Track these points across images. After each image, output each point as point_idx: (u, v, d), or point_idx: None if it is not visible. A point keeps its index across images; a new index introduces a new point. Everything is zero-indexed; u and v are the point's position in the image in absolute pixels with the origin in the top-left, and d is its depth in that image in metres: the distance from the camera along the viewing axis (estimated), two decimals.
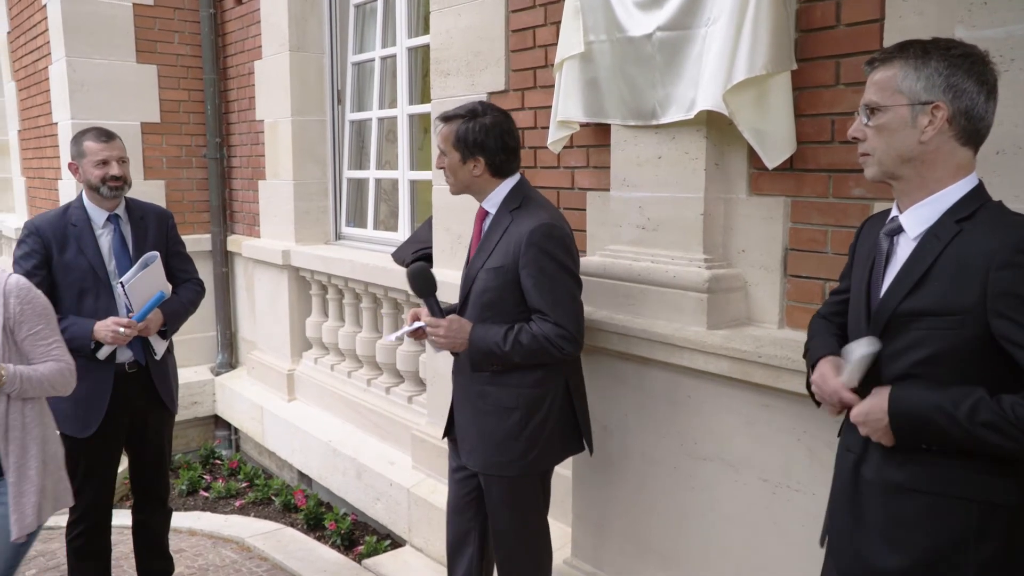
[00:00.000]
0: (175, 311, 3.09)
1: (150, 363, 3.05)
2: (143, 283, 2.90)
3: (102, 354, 2.91)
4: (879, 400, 1.53)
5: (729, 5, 2.28)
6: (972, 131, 1.52)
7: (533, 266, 2.36)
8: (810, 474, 2.23)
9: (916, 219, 1.56)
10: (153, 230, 3.12)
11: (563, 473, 3.16)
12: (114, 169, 2.94)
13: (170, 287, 3.09)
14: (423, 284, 2.48)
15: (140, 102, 5.75)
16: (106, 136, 2.97)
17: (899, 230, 1.60)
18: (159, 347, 3.07)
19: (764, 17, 2.21)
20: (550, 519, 2.68)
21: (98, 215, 2.99)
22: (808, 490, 2.24)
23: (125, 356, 2.99)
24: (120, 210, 3.04)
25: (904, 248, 1.59)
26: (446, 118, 2.50)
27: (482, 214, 2.55)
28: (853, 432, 1.65)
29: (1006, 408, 1.40)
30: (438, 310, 2.47)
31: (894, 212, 1.63)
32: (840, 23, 2.28)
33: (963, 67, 1.48)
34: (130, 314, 2.89)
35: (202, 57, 5.86)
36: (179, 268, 3.22)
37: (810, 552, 2.00)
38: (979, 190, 1.55)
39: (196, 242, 5.98)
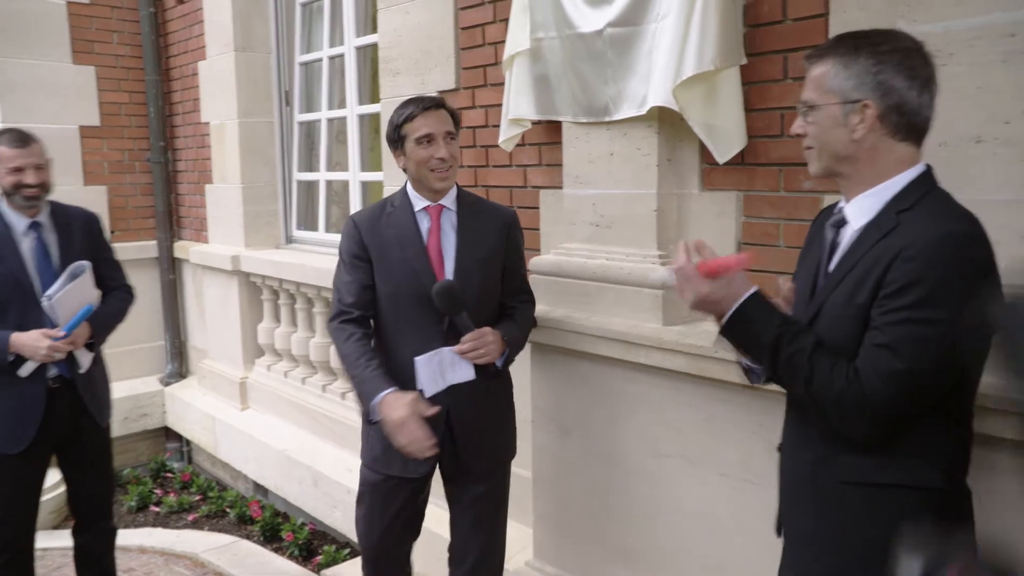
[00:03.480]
0: (103, 322, 2.93)
1: (76, 377, 2.85)
2: (71, 296, 2.72)
3: (24, 371, 2.71)
4: (735, 292, 1.58)
5: (678, 0, 2.28)
6: (907, 126, 1.50)
7: (518, 250, 2.55)
8: (769, 467, 2.22)
9: (859, 210, 1.55)
10: (80, 236, 2.92)
11: (523, 474, 3.13)
12: (29, 177, 2.74)
13: (99, 295, 2.93)
14: (451, 302, 2.30)
15: (78, 105, 5.56)
16: (21, 140, 2.76)
17: (844, 221, 1.59)
18: (84, 360, 2.87)
19: (712, 12, 2.21)
20: (510, 520, 2.66)
21: (18, 221, 2.78)
22: (767, 483, 2.23)
23: (50, 371, 2.79)
24: (43, 216, 2.84)
25: (848, 240, 1.58)
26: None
27: (437, 210, 2.41)
28: (786, 434, 1.71)
29: (816, 363, 1.48)
30: (471, 324, 2.33)
31: (841, 203, 1.62)
32: (787, 18, 2.29)
33: (892, 63, 1.47)
34: (55, 328, 2.72)
35: (143, 58, 5.71)
36: (108, 275, 3.03)
37: (771, 544, 2.00)
38: (924, 177, 1.53)
39: (142, 249, 5.85)
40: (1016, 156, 1.76)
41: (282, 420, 4.82)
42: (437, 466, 2.51)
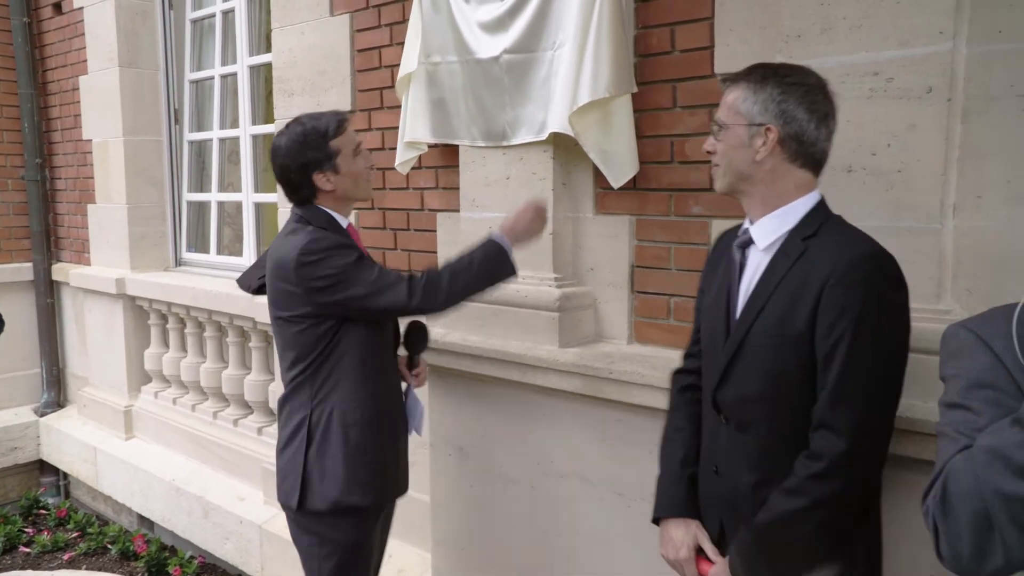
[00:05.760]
0: None
1: None
2: None
3: None
4: None
5: (572, 30, 2.34)
6: (805, 154, 1.61)
7: None
8: None
9: (764, 231, 1.65)
10: None
11: (420, 498, 3.10)
12: None
13: None
14: (423, 343, 2.49)
15: None
16: None
17: (751, 242, 1.68)
18: None
19: (605, 42, 2.28)
20: (408, 545, 2.63)
21: None
22: None
23: None
24: None
25: (754, 260, 1.67)
26: None
27: (352, 228, 2.34)
28: (720, 457, 1.74)
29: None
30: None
31: (745, 224, 1.71)
32: (675, 49, 2.39)
33: (795, 95, 1.58)
34: None
35: (16, 70, 5.38)
36: None
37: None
38: (821, 207, 1.64)
39: (15, 271, 5.51)
40: (882, 186, 1.89)
41: (170, 449, 4.61)
42: None
